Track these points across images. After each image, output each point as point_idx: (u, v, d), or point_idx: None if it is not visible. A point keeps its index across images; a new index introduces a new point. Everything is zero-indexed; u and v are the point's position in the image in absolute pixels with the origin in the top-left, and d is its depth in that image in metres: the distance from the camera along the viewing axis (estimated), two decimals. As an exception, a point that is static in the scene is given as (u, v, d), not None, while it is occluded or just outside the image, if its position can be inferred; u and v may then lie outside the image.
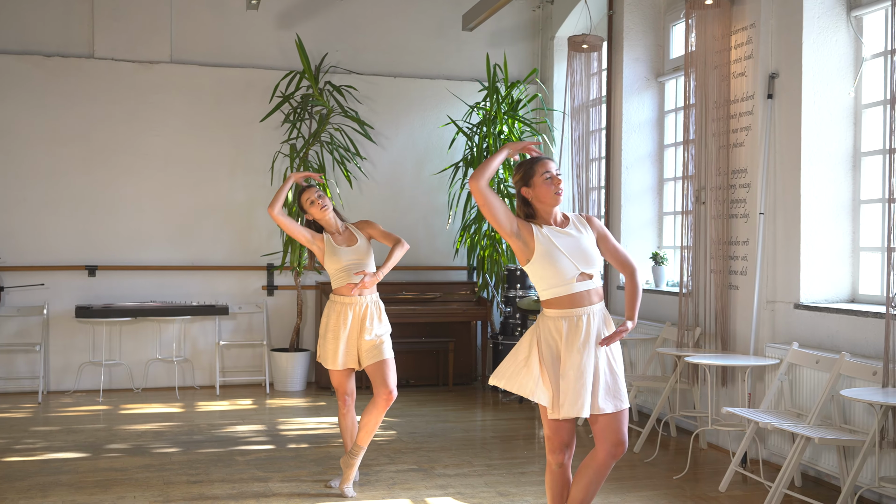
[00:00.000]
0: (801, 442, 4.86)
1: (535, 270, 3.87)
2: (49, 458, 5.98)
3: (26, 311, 8.22)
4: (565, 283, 3.83)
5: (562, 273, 3.83)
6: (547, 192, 3.83)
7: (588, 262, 3.87)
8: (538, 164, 3.86)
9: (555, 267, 3.83)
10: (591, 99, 8.42)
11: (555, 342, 3.86)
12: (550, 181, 3.83)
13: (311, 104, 8.60)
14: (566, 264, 3.82)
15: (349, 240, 5.30)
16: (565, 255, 3.82)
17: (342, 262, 5.23)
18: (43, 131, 8.37)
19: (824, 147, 5.81)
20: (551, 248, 3.82)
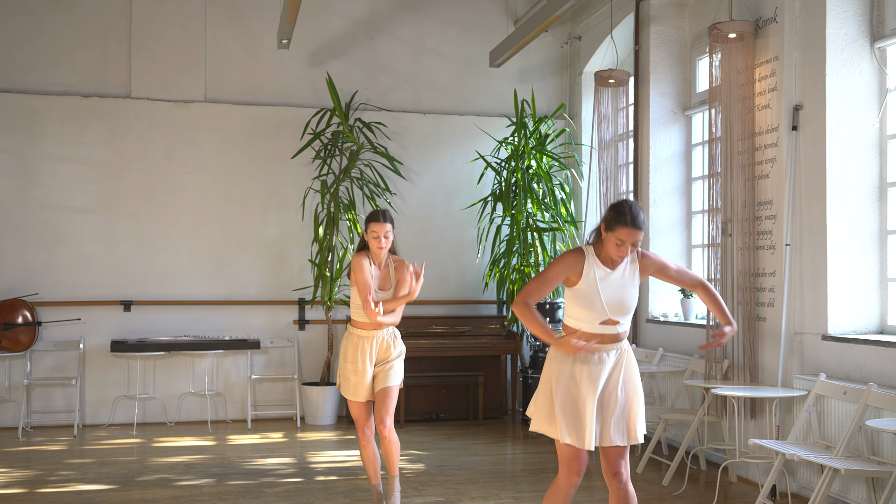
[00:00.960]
0: (828, 474, 4.83)
1: (571, 299, 4.02)
2: (82, 490, 6.07)
3: (63, 345, 8.37)
4: (590, 321, 3.99)
5: (591, 314, 3.98)
6: (610, 250, 3.92)
7: (620, 312, 3.99)
8: (621, 227, 3.86)
9: (587, 308, 3.97)
10: (619, 133, 8.48)
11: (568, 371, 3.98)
12: (618, 248, 3.88)
13: (342, 141, 8.73)
14: (598, 308, 3.95)
15: (384, 282, 5.37)
16: (601, 300, 3.94)
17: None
18: (80, 169, 8.57)
19: (850, 178, 5.81)
20: (592, 292, 3.94)
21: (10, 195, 8.40)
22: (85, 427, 8.40)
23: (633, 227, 3.85)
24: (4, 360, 8.28)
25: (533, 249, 8.75)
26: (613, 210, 3.92)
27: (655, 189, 7.93)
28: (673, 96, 7.94)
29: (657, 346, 7.59)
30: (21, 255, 8.40)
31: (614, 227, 3.87)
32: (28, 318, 8.19)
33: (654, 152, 7.94)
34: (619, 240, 3.87)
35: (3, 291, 8.31)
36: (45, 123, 8.50)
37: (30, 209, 8.44)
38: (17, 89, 8.46)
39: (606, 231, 3.91)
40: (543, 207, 8.82)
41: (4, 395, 8.26)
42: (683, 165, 7.98)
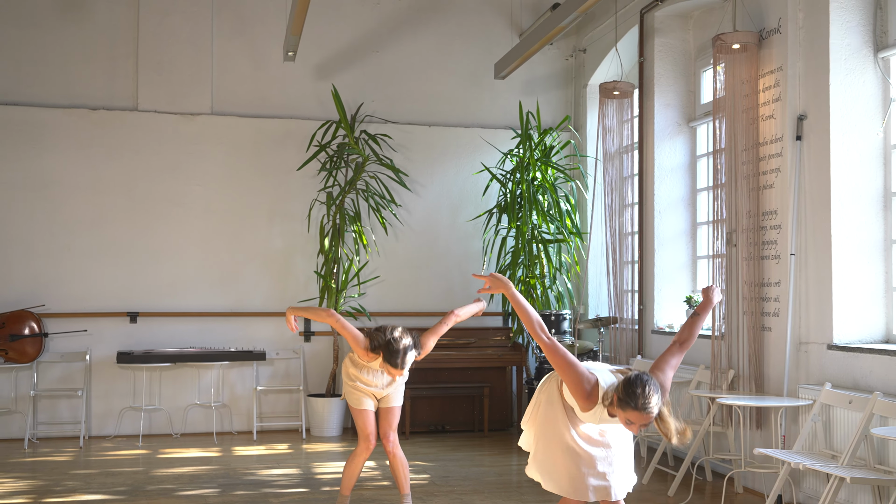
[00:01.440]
0: (834, 482, 4.82)
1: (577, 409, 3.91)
2: (87, 500, 6.08)
3: (69, 356, 8.40)
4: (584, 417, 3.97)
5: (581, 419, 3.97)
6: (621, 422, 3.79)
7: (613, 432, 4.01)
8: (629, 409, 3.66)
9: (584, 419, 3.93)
10: (624, 145, 8.50)
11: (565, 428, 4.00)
12: (629, 425, 3.75)
13: (347, 153, 8.77)
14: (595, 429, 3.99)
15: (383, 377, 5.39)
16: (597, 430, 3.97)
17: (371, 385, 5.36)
18: (87, 181, 8.61)
19: (854, 187, 5.82)
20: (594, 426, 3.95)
21: (17, 207, 8.44)
22: (91, 438, 8.41)
23: (644, 412, 3.65)
24: (11, 371, 8.30)
25: (538, 261, 8.76)
26: (625, 389, 3.69)
27: (660, 200, 7.94)
28: (677, 108, 7.96)
29: (662, 357, 7.56)
30: (28, 266, 8.44)
31: (626, 408, 3.68)
32: (35, 330, 8.22)
33: (658, 163, 7.96)
34: (629, 421, 3.72)
35: (10, 303, 8.34)
36: (53, 136, 8.55)
37: (37, 221, 8.48)
38: (25, 102, 8.51)
39: (618, 407, 3.73)
40: (549, 219, 8.84)
41: (11, 407, 8.28)
42: (688, 176, 7.99)
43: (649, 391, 3.62)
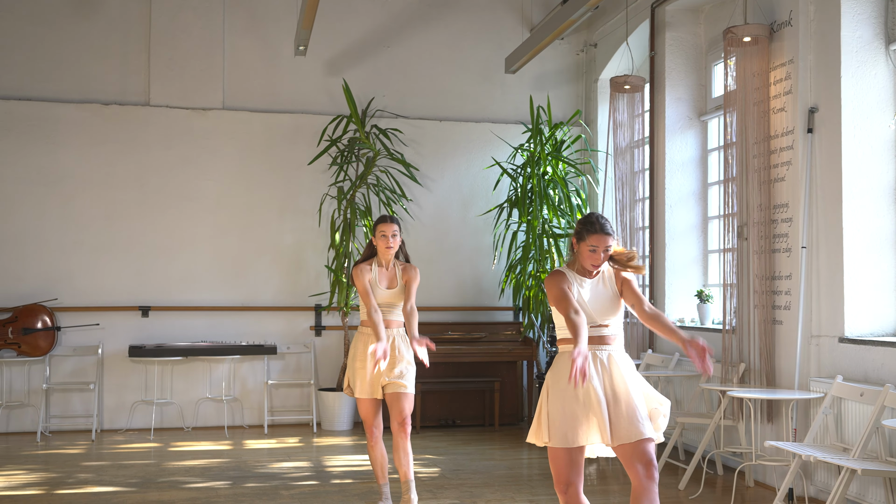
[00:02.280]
0: (845, 475, 4.80)
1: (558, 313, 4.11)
2: (99, 492, 6.11)
3: (82, 350, 8.44)
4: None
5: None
6: (584, 259, 4.12)
7: (606, 315, 4.12)
8: (590, 235, 4.08)
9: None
10: (635, 139, 8.48)
11: (564, 375, 3.96)
12: (591, 255, 4.08)
13: (358, 147, 8.78)
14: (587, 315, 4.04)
15: (390, 281, 5.46)
16: (588, 307, 4.08)
17: (378, 299, 5.41)
18: (100, 176, 8.65)
19: (866, 179, 5.80)
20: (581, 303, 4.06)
21: (30, 201, 8.49)
22: (103, 431, 8.45)
23: (602, 233, 4.08)
24: (24, 364, 8.35)
25: (549, 256, 8.76)
26: (582, 222, 4.15)
27: (671, 194, 7.92)
28: (688, 102, 7.95)
29: (673, 352, 7.57)
30: (41, 260, 8.48)
31: (585, 236, 4.10)
32: (47, 324, 8.26)
33: (669, 158, 7.94)
34: (591, 246, 4.08)
35: (23, 297, 8.38)
36: (66, 131, 8.59)
37: (50, 215, 8.52)
38: (38, 97, 8.55)
39: (579, 242, 4.13)
40: (559, 213, 8.83)
41: (24, 400, 8.33)
42: (699, 171, 7.97)
43: (603, 218, 4.11)
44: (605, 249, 4.08)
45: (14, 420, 8.33)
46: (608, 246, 4.09)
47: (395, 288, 5.46)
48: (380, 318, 5.31)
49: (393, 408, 5.34)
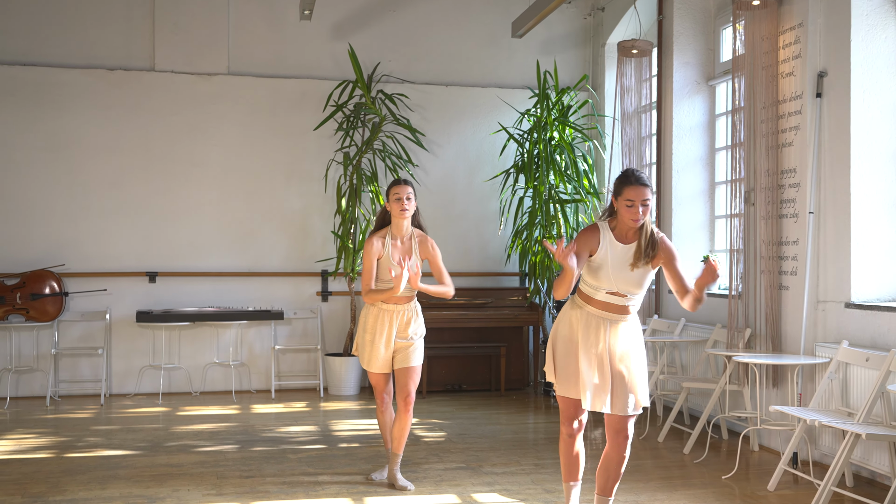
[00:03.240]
0: (850, 439, 4.82)
1: (586, 270, 4.22)
2: (108, 455, 6.16)
3: (90, 315, 8.48)
4: (598, 289, 4.21)
5: (599, 283, 4.19)
6: (623, 215, 4.12)
7: (627, 285, 4.16)
8: (627, 188, 4.10)
9: (596, 278, 4.19)
10: (642, 104, 8.44)
11: (572, 328, 4.25)
12: (629, 209, 4.08)
13: (364, 113, 8.75)
14: (606, 279, 4.15)
15: (404, 255, 5.29)
16: (610, 272, 4.13)
17: (389, 275, 5.26)
18: (106, 142, 8.64)
19: (874, 144, 5.76)
20: (603, 264, 4.14)
21: (37, 168, 8.49)
22: (111, 396, 8.51)
23: (639, 185, 4.08)
24: (32, 330, 8.39)
25: (555, 221, 8.74)
26: (618, 178, 4.18)
27: (678, 160, 7.89)
28: (696, 66, 7.89)
29: (679, 317, 7.58)
30: (48, 226, 8.50)
31: (622, 190, 4.11)
32: (55, 289, 8.30)
33: (677, 123, 7.90)
34: (628, 200, 4.08)
35: (31, 262, 8.41)
36: (71, 97, 8.56)
37: (56, 181, 8.53)
38: (43, 63, 8.52)
39: (617, 198, 4.14)
40: (566, 179, 8.80)
41: (33, 365, 8.39)
42: (707, 136, 7.94)
43: (638, 171, 4.11)
44: (644, 202, 4.07)
45: (23, 385, 8.39)
46: (646, 199, 4.07)
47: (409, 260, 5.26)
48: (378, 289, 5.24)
49: (399, 382, 5.33)
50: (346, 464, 5.92)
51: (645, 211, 4.08)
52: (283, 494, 5.16)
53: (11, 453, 6.20)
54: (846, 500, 5.10)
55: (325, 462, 5.96)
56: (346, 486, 5.36)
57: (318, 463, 5.93)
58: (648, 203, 4.08)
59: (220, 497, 5.10)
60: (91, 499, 5.05)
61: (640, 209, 4.07)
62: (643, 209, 4.07)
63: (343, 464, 5.92)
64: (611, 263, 4.12)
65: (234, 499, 5.06)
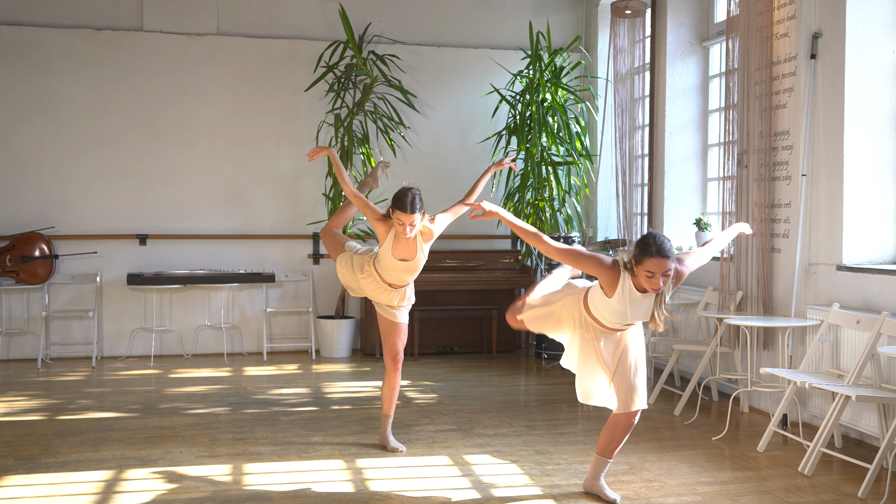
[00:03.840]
0: (839, 400, 4.85)
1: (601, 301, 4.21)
2: (100, 417, 6.17)
3: (80, 278, 8.45)
4: (613, 324, 4.30)
5: (616, 320, 4.26)
6: (643, 284, 4.06)
7: (637, 319, 4.26)
8: (648, 259, 3.98)
9: (614, 315, 4.23)
10: (635, 66, 8.38)
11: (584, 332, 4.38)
12: (650, 280, 4.01)
13: (355, 74, 8.67)
14: (624, 317, 4.21)
15: (409, 252, 5.11)
16: (629, 314, 4.17)
17: (385, 270, 5.14)
18: (94, 103, 8.56)
19: (868, 107, 5.73)
20: (623, 309, 4.16)
21: (25, 129, 8.41)
22: (103, 358, 8.51)
23: (660, 257, 3.96)
24: (23, 292, 8.36)
25: (547, 184, 8.71)
26: (639, 245, 4.04)
27: (671, 122, 7.86)
28: (690, 27, 7.83)
29: (671, 280, 7.58)
30: (37, 188, 8.44)
31: (642, 260, 4.00)
32: (45, 252, 8.26)
33: (670, 85, 7.86)
34: (648, 272, 3.99)
35: (20, 225, 8.36)
36: (59, 57, 8.46)
37: (45, 143, 8.45)
38: (29, 22, 8.41)
39: (636, 266, 4.05)
40: (558, 141, 8.76)
41: (24, 327, 8.37)
42: (700, 98, 7.89)
43: (661, 238, 3.99)
44: (665, 273, 3.97)
45: (14, 347, 8.38)
46: (667, 269, 3.96)
47: (411, 260, 5.11)
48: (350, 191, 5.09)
49: (386, 341, 5.32)
50: (338, 426, 5.94)
51: (666, 281, 4.00)
52: (276, 456, 5.18)
53: (3, 415, 6.20)
54: (835, 460, 5.14)
55: (317, 424, 5.97)
56: (338, 447, 5.38)
57: (311, 425, 5.94)
58: (670, 273, 3.99)
59: (213, 459, 5.11)
60: (83, 461, 5.06)
61: (660, 280, 3.99)
62: (664, 279, 3.99)
63: (335, 426, 5.93)
64: (630, 308, 4.13)
65: (226, 461, 5.08)
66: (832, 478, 4.85)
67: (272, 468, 4.95)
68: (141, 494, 4.47)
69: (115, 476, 4.78)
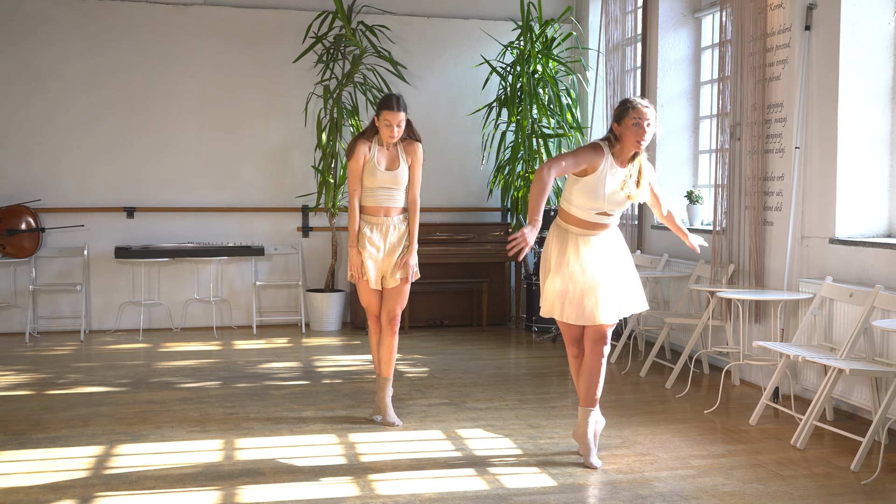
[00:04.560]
0: (832, 374, 4.85)
1: (576, 187, 4.39)
2: (90, 392, 6.13)
3: (67, 251, 8.37)
4: (588, 210, 4.43)
5: (591, 204, 4.40)
6: (630, 136, 4.31)
7: (616, 207, 4.42)
8: (633, 109, 4.32)
9: (589, 198, 4.37)
10: (627, 37, 8.32)
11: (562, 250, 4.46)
12: (636, 128, 4.29)
13: (345, 45, 8.57)
14: (599, 200, 4.36)
15: (391, 162, 5.18)
16: (604, 194, 4.34)
17: (377, 182, 5.15)
18: (80, 74, 8.44)
19: (863, 79, 5.70)
20: (598, 185, 4.33)
21: (10, 100, 8.29)
22: (91, 332, 8.45)
23: (643, 106, 4.31)
24: (9, 266, 8.29)
25: (538, 156, 8.66)
26: (620, 104, 4.41)
27: (663, 94, 7.81)
28: (683, -2, 7.77)
29: (662, 252, 7.57)
30: (23, 161, 8.34)
31: (626, 112, 4.32)
32: (32, 225, 8.17)
33: (662, 56, 7.80)
34: (635, 119, 4.29)
35: (6, 198, 8.27)
36: (43, 27, 8.33)
37: (30, 114, 8.34)
38: (13, -9, 8.29)
39: (621, 123, 4.34)
40: (549, 113, 8.70)
41: (10, 301, 8.30)
42: (692, 69, 7.84)
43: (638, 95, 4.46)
44: (648, 122, 4.28)
45: (1, 321, 8.32)
46: (652, 117, 4.30)
47: (395, 169, 5.16)
48: (356, 214, 5.14)
49: (385, 302, 5.28)
50: (329, 399, 5.91)
51: (651, 128, 4.29)
52: (268, 431, 5.15)
53: (-9, 390, 6.16)
54: (826, 433, 5.15)
55: (308, 398, 5.95)
56: (330, 422, 5.36)
57: (302, 399, 5.92)
58: (651, 122, 4.29)
59: (204, 434, 5.08)
60: (74, 436, 5.02)
61: (645, 126, 4.26)
62: (648, 126, 4.28)
63: (326, 399, 5.91)
64: (607, 185, 4.32)
65: (218, 436, 5.05)
66: (824, 451, 4.86)
67: (264, 443, 4.92)
68: (133, 470, 4.44)
69: (106, 451, 4.74)
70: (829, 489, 4.25)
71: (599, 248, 4.46)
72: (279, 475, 4.37)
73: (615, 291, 4.47)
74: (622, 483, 4.31)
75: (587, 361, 4.56)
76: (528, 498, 4.09)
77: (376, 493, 4.14)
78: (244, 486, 4.22)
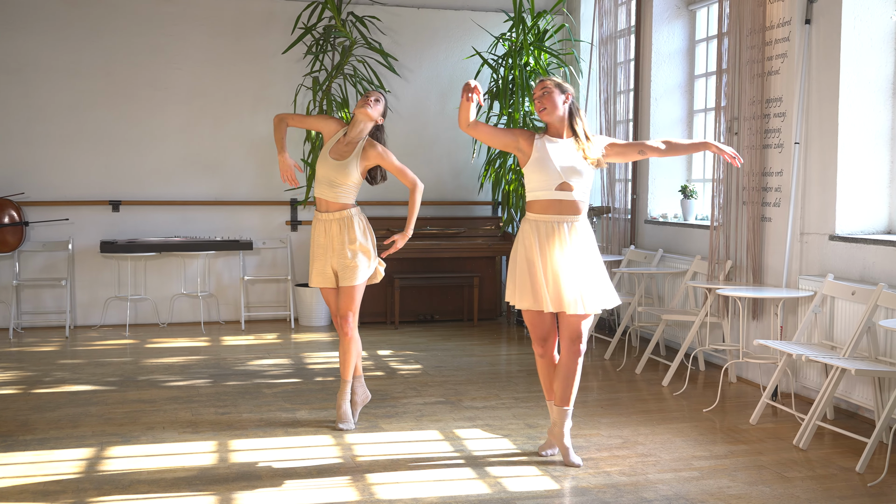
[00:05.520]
0: (836, 374, 4.79)
1: (527, 174, 4.43)
2: (78, 391, 6.00)
3: (52, 245, 8.22)
4: (547, 187, 4.37)
5: (546, 178, 4.36)
6: (537, 109, 4.45)
7: (573, 174, 4.37)
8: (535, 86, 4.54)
9: (542, 172, 4.37)
10: (620, 29, 8.23)
11: (529, 243, 4.38)
12: (538, 101, 4.43)
13: (334, 36, 8.44)
14: (552, 171, 4.35)
15: (343, 154, 5.01)
16: (553, 163, 4.35)
17: (322, 169, 5.03)
18: (65, 64, 8.27)
19: (864, 74, 5.63)
20: (544, 158, 4.37)
21: (-9, 91, 8.13)
22: (76, 328, 8.31)
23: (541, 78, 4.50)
24: (-8, 260, 8.14)
25: (530, 149, 8.56)
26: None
27: (657, 87, 7.73)
28: (677, -10, 7.69)
29: (657, 248, 7.51)
30: (5, 153, 8.17)
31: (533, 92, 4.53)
32: (15, 219, 8.02)
33: (656, 49, 7.72)
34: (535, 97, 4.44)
35: (-12, 191, 8.12)
36: (26, 15, 8.16)
37: (13, 106, 8.17)
38: (-5, -21, 8.11)
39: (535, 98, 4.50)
40: (541, 106, 8.59)
41: (-7, 296, 8.15)
42: (686, 62, 7.77)
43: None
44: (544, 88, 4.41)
45: (-16, 317, 8.17)
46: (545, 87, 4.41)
47: (342, 160, 4.96)
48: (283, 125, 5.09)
49: (340, 303, 5.11)
50: (322, 398, 5.81)
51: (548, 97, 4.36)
52: (262, 433, 5.05)
53: (-24, 389, 6.02)
54: (827, 433, 5.10)
55: (301, 397, 5.85)
56: (324, 422, 5.25)
57: (295, 398, 5.81)
58: (548, 87, 4.38)
59: (197, 436, 4.97)
60: (63, 437, 4.90)
61: (542, 94, 4.38)
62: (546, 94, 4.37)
63: (319, 398, 5.81)
64: (552, 155, 4.35)
65: (210, 437, 4.94)
66: (827, 451, 4.80)
67: (259, 444, 4.82)
68: (125, 474, 4.32)
69: (96, 454, 4.62)
70: (834, 491, 4.19)
71: (565, 240, 4.34)
72: (276, 479, 4.27)
73: (577, 282, 4.35)
74: (625, 486, 4.23)
75: (563, 361, 4.49)
76: (532, 502, 4.01)
77: (376, 497, 4.05)
78: (240, 490, 4.12)
